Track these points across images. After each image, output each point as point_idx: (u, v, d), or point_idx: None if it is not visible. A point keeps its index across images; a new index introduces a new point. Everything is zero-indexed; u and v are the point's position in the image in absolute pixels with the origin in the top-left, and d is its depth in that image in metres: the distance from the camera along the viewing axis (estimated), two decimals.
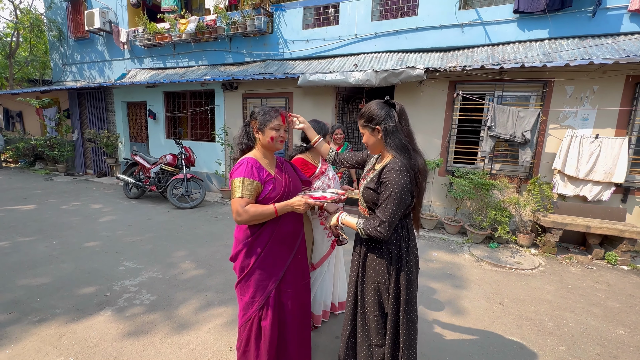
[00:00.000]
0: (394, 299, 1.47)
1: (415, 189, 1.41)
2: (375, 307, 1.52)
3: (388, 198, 1.35)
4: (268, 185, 1.60)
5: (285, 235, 1.66)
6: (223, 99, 7.00)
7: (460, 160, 5.20)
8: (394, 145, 1.41)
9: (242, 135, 1.71)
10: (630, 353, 2.30)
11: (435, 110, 5.14)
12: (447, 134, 5.09)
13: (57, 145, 9.18)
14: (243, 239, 1.63)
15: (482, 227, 4.54)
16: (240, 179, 1.53)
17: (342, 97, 6.01)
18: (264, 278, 1.62)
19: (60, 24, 9.54)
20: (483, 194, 4.63)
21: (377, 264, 1.49)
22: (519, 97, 4.80)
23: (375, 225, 1.38)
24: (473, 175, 4.68)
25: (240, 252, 1.63)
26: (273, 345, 1.64)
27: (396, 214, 1.36)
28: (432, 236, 4.77)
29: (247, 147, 1.70)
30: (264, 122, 1.62)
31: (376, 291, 1.51)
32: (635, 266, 3.84)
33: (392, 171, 1.36)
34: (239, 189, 1.53)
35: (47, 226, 4.65)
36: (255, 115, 1.66)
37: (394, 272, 1.47)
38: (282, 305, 1.68)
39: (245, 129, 1.71)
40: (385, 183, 1.37)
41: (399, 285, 1.47)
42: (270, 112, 1.64)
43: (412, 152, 1.42)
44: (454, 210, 5.08)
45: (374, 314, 1.53)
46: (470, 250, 4.25)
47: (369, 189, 1.47)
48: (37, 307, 2.61)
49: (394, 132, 1.42)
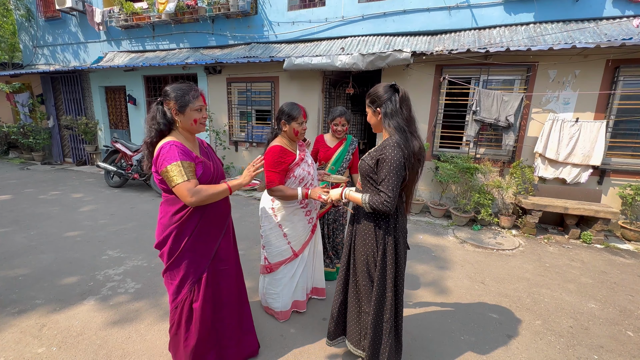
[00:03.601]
0: (380, 270, 1.60)
1: (410, 166, 1.49)
2: (365, 277, 1.65)
3: (388, 173, 1.44)
4: (198, 168, 1.53)
5: (215, 215, 1.64)
6: (206, 83, 6.78)
7: (446, 144, 5.26)
8: (392, 126, 1.50)
9: (157, 116, 1.51)
10: (601, 325, 2.44)
11: (422, 95, 5.13)
12: (433, 118, 5.12)
13: (32, 133, 8.75)
14: (169, 224, 1.57)
15: (466, 210, 4.65)
16: (177, 163, 1.42)
17: (329, 81, 5.91)
18: (195, 260, 1.61)
19: (29, 2, 8.90)
20: (467, 177, 4.72)
21: (368, 237, 1.61)
22: (504, 81, 4.84)
23: (382, 199, 1.45)
24: (458, 160, 4.75)
25: (169, 237, 1.57)
26: (205, 325, 1.65)
27: (397, 187, 1.45)
28: (418, 220, 4.86)
29: (162, 130, 1.52)
30: (184, 103, 1.49)
31: (365, 263, 1.63)
32: (608, 244, 4.04)
33: (388, 147, 1.46)
34: (180, 172, 1.42)
35: (25, 216, 4.48)
36: (170, 95, 1.50)
37: (381, 247, 1.58)
38: (216, 285, 1.69)
39: (158, 109, 1.52)
40: (382, 159, 1.47)
41: (385, 258, 1.59)
42: (190, 91, 1.50)
43: (409, 135, 1.50)
44: (440, 194, 5.17)
45: (364, 282, 1.65)
46: (454, 232, 4.37)
47: (364, 161, 1.57)
48: (15, 299, 2.54)
49: (393, 115, 1.50)
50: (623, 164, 4.36)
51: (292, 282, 2.26)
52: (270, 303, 2.31)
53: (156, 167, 1.48)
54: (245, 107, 6.64)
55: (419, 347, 2.13)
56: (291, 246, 2.19)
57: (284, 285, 2.24)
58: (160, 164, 1.45)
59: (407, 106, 1.52)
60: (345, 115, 2.69)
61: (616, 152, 4.41)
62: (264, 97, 6.45)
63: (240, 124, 6.82)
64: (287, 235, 2.16)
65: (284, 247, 2.18)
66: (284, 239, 2.16)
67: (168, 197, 1.59)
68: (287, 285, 2.25)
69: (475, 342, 2.21)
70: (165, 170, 1.43)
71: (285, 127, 2.06)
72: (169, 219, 1.58)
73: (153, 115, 1.53)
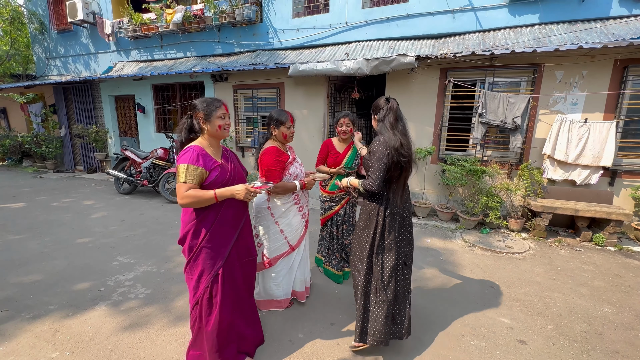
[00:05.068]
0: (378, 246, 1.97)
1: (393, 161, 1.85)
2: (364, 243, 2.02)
3: (373, 161, 1.88)
4: (214, 172, 1.70)
5: (229, 217, 1.78)
6: (213, 90, 6.89)
7: (453, 147, 5.23)
8: (382, 128, 1.96)
9: (185, 126, 1.78)
10: (615, 329, 2.38)
11: (427, 98, 5.13)
12: (439, 121, 5.10)
13: (45, 142, 8.98)
14: (189, 221, 1.74)
15: (474, 213, 4.61)
16: (184, 165, 1.63)
17: (333, 86, 5.94)
18: (211, 256, 1.74)
19: (42, 15, 9.22)
20: (475, 180, 4.68)
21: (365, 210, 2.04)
22: (509, 83, 4.81)
23: (369, 181, 1.89)
24: (465, 162, 4.71)
25: (187, 233, 1.73)
26: (225, 319, 1.78)
27: (379, 172, 1.86)
28: (426, 223, 4.83)
29: (187, 137, 1.79)
30: (209, 112, 1.72)
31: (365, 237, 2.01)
32: (622, 247, 3.95)
33: (374, 143, 1.92)
34: (183, 174, 1.62)
35: (38, 223, 4.59)
36: (197, 107, 1.74)
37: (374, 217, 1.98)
38: (233, 280, 1.83)
39: (187, 121, 1.78)
40: (372, 152, 1.91)
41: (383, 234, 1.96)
42: (214, 102, 1.74)
43: (392, 135, 1.90)
44: (447, 197, 5.13)
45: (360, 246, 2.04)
46: (462, 236, 4.32)
47: (365, 157, 2.04)
48: (30, 304, 2.59)
49: (382, 119, 1.98)
50: (635, 165, 4.28)
51: (291, 273, 2.45)
52: (273, 291, 2.44)
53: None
54: (251, 114, 6.71)
55: (429, 352, 2.11)
56: (288, 240, 2.35)
57: (283, 276, 2.41)
58: (177, 160, 1.70)
59: (394, 114, 1.95)
60: (349, 117, 2.75)
61: (627, 153, 4.34)
62: (269, 103, 6.50)
63: (247, 130, 6.89)
64: (284, 231, 2.33)
65: (281, 241, 2.34)
66: (281, 235, 2.34)
67: None
68: (286, 276, 2.42)
69: (486, 347, 2.18)
70: (177, 168, 1.66)
71: (275, 131, 2.26)
72: (189, 216, 1.75)
73: (183, 126, 1.79)
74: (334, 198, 2.85)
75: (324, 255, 3.03)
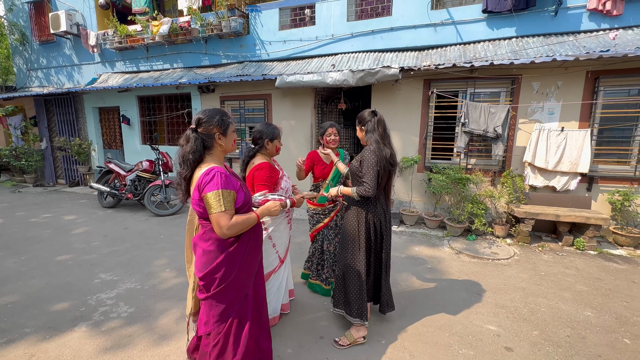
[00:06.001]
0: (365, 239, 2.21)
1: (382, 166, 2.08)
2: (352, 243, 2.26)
3: (367, 168, 2.06)
4: (240, 193, 1.59)
5: (258, 238, 1.73)
6: (200, 102, 6.86)
7: (438, 156, 5.33)
8: (371, 139, 2.16)
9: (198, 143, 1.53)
10: (597, 333, 2.44)
11: (411, 108, 5.25)
12: (424, 130, 5.21)
13: (24, 155, 8.70)
14: (220, 250, 1.58)
15: (460, 221, 4.68)
16: (218, 192, 1.45)
17: (320, 97, 6.01)
18: (243, 284, 1.66)
19: (23, 27, 9.03)
20: (460, 188, 4.77)
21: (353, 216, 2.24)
22: (490, 93, 4.97)
23: (365, 187, 2.05)
24: (450, 171, 4.81)
25: (221, 264, 1.57)
26: (252, 339, 1.72)
27: (374, 179, 2.04)
28: (414, 232, 4.87)
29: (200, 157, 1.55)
30: (226, 126, 1.60)
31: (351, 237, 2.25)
32: (601, 250, 4.08)
33: (368, 151, 2.11)
34: (219, 202, 1.46)
35: (15, 240, 4.41)
36: (211, 121, 1.55)
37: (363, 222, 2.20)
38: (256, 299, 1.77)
39: (196, 137, 1.53)
40: (364, 160, 2.10)
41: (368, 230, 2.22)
42: (225, 114, 1.62)
43: (382, 146, 2.12)
44: (434, 205, 5.21)
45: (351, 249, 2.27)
46: (449, 243, 4.37)
47: (353, 164, 2.22)
48: (4, 328, 2.47)
49: (371, 131, 2.18)
50: (610, 171, 4.47)
51: (280, 289, 2.43)
52: None
53: (200, 193, 1.49)
54: (238, 125, 6.69)
55: None
56: (278, 255, 2.36)
57: (274, 294, 2.37)
58: (203, 188, 1.48)
59: (381, 125, 2.17)
60: (335, 127, 2.77)
61: (603, 159, 4.53)
62: (257, 115, 6.52)
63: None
64: (276, 245, 2.33)
65: (273, 256, 2.33)
66: (273, 249, 2.33)
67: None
68: (276, 293, 2.38)
69: (474, 355, 2.19)
70: (206, 197, 1.47)
71: (268, 145, 2.28)
72: (218, 245, 1.57)
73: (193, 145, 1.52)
74: (323, 211, 2.83)
75: (312, 270, 2.99)
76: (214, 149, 1.60)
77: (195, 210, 1.57)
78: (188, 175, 1.55)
